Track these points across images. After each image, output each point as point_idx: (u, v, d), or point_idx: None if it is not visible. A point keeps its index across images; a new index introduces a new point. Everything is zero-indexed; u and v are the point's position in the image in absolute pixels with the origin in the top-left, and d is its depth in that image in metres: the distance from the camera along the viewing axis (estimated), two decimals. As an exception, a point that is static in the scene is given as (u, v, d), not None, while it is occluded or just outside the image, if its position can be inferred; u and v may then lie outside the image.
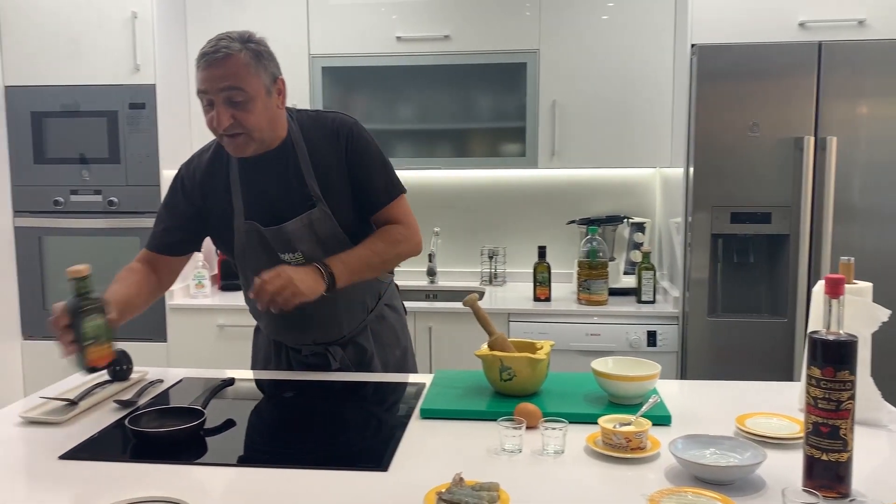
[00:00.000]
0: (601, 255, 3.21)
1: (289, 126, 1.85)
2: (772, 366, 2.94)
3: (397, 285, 2.15)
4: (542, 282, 3.29)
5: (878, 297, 1.51)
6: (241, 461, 1.42)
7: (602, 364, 1.69)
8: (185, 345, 3.34)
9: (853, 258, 1.49)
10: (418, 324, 3.20)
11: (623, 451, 1.39)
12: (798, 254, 2.89)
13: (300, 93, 3.42)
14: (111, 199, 3.35)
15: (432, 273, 3.70)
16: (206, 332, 3.31)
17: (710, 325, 2.98)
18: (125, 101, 3.30)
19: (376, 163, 1.86)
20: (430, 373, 1.97)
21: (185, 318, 3.33)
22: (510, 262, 3.76)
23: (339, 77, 3.55)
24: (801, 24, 2.92)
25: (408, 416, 1.63)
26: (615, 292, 3.32)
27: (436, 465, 1.38)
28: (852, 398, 1.20)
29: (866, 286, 1.52)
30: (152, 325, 3.33)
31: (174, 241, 1.93)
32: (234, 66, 1.70)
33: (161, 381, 1.91)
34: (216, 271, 3.64)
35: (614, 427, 1.43)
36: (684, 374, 3.04)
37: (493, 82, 3.48)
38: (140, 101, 3.29)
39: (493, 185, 3.77)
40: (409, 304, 3.12)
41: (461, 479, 1.22)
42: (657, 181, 3.66)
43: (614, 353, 3.05)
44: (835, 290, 1.20)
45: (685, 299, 3.03)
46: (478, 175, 3.76)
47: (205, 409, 1.60)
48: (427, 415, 1.62)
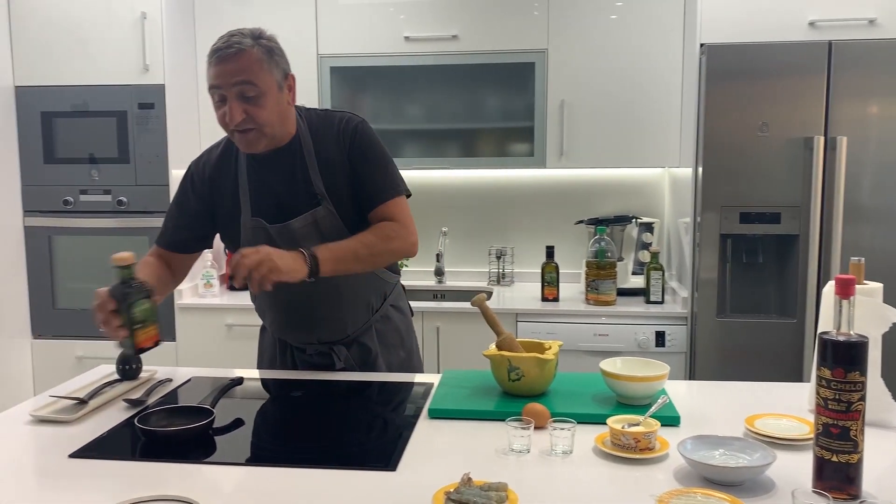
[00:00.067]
0: (609, 255, 3.20)
1: (297, 124, 1.86)
2: (781, 366, 2.93)
3: (403, 286, 2.14)
4: (550, 282, 3.29)
5: (888, 298, 1.51)
6: (251, 460, 1.42)
7: (611, 364, 1.68)
8: (193, 344, 3.35)
9: (863, 258, 1.48)
10: (426, 324, 3.21)
11: (632, 451, 1.39)
12: (808, 254, 2.88)
13: (308, 93, 3.43)
14: (120, 198, 3.37)
15: (440, 273, 3.70)
16: (215, 332, 3.32)
17: (719, 325, 2.97)
18: (134, 101, 3.32)
19: (378, 160, 1.86)
20: (438, 373, 1.97)
21: (193, 317, 3.34)
22: (518, 261, 3.76)
23: (347, 77, 3.55)
24: (811, 24, 2.91)
25: (416, 416, 1.63)
26: (623, 292, 3.31)
27: (444, 464, 1.38)
28: (863, 399, 1.19)
29: (877, 287, 1.51)
30: (161, 325, 3.31)
31: (184, 239, 1.94)
32: (247, 62, 1.71)
33: (170, 380, 1.91)
34: (225, 271, 3.65)
35: (623, 427, 1.42)
36: (693, 375, 3.03)
37: (501, 82, 3.48)
38: (149, 101, 3.31)
39: (501, 185, 3.77)
40: (417, 304, 3.14)
41: (469, 479, 1.22)
42: (666, 181, 3.65)
43: (622, 353, 3.04)
44: (845, 290, 1.20)
45: (694, 299, 3.03)
46: (486, 175, 3.76)
47: (214, 408, 1.61)
48: (435, 415, 1.62)
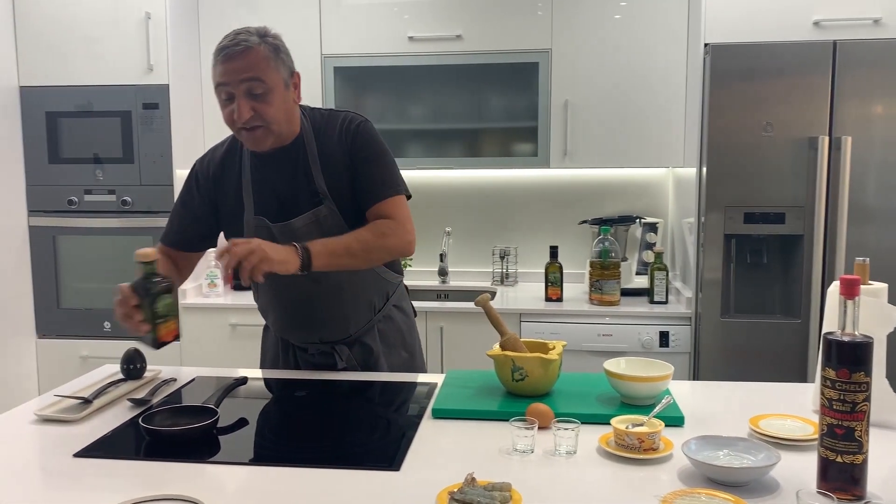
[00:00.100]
0: (613, 255, 3.20)
1: (301, 123, 1.86)
2: (785, 367, 2.92)
3: (407, 287, 2.14)
4: (553, 282, 3.28)
5: (893, 299, 1.51)
6: (255, 460, 1.42)
7: (615, 364, 1.68)
8: (197, 344, 3.35)
9: (868, 259, 1.48)
10: (430, 324, 3.21)
11: (636, 451, 1.38)
12: (812, 254, 2.87)
13: (312, 93, 3.43)
14: (125, 198, 3.37)
15: (444, 273, 3.70)
16: (219, 332, 3.32)
17: (723, 325, 2.97)
18: (139, 101, 3.32)
19: (378, 159, 1.85)
20: (442, 373, 1.97)
21: (197, 317, 3.34)
22: (522, 262, 3.76)
23: (351, 77, 3.56)
24: (816, 23, 2.90)
25: (419, 416, 1.63)
26: (627, 292, 3.31)
27: (448, 464, 1.38)
28: (868, 400, 1.19)
29: (882, 287, 1.51)
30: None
31: (189, 237, 1.95)
32: (255, 59, 1.72)
33: (174, 379, 1.92)
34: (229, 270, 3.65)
35: (627, 428, 1.42)
36: (697, 375, 3.03)
37: (504, 82, 3.48)
38: (153, 101, 3.31)
39: (504, 185, 3.77)
40: (421, 304, 3.14)
41: (473, 479, 1.22)
42: (670, 181, 3.65)
43: (626, 353, 3.04)
44: (850, 291, 1.20)
45: (698, 300, 3.02)
46: (489, 175, 3.76)
47: (218, 407, 1.61)
48: (439, 415, 1.62)
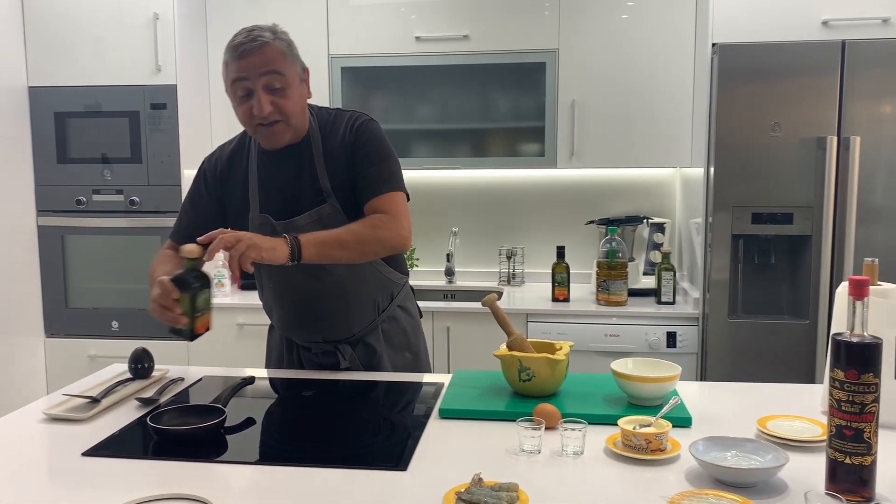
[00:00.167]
0: (620, 255, 3.19)
1: (309, 122, 1.87)
2: (793, 368, 2.91)
3: (413, 288, 2.14)
4: (560, 282, 3.28)
5: (902, 299, 1.50)
6: (262, 459, 1.43)
7: (622, 365, 1.68)
8: (204, 343, 3.33)
9: (877, 259, 1.47)
10: (436, 324, 3.21)
11: (643, 452, 1.38)
12: (820, 255, 2.86)
13: (319, 93, 3.43)
14: (133, 198, 3.38)
15: (450, 273, 3.70)
16: (226, 331, 3.33)
17: (731, 326, 2.96)
18: (147, 102, 3.34)
19: (378, 156, 1.85)
20: (449, 373, 1.97)
21: (205, 316, 3.34)
22: (528, 262, 3.75)
23: (358, 77, 3.56)
24: (824, 23, 2.89)
25: (426, 416, 1.63)
26: (634, 293, 3.31)
27: (455, 465, 1.38)
28: (876, 401, 1.18)
29: (891, 288, 1.50)
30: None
31: (198, 235, 1.95)
32: (272, 53, 1.75)
33: (182, 379, 1.92)
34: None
35: (634, 428, 1.42)
36: (704, 376, 3.02)
37: (511, 82, 3.48)
38: (161, 102, 3.32)
39: (511, 185, 3.77)
40: (428, 304, 3.14)
41: (480, 480, 1.22)
42: (677, 181, 3.64)
43: (633, 354, 3.03)
44: (859, 291, 1.19)
45: (705, 300, 3.01)
46: (496, 175, 3.76)
47: (225, 407, 1.61)
48: (446, 415, 1.62)
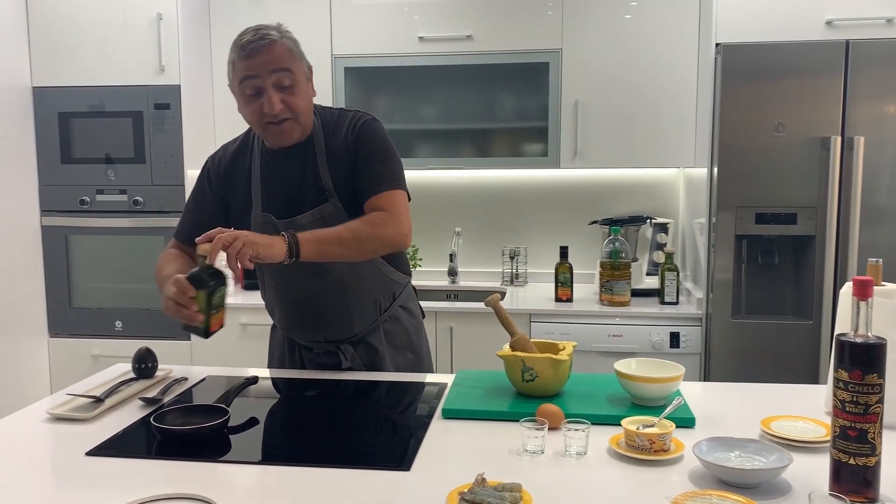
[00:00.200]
0: (624, 255, 3.19)
1: (312, 121, 1.87)
2: (797, 368, 2.91)
3: (415, 288, 2.14)
4: (563, 282, 3.28)
5: (907, 300, 1.49)
6: (265, 459, 1.43)
7: (625, 365, 1.68)
8: (208, 343, 3.34)
9: (881, 260, 1.47)
10: (439, 324, 3.21)
11: (646, 453, 1.38)
12: (824, 255, 2.86)
13: (323, 93, 3.41)
14: (136, 198, 3.39)
15: (453, 273, 3.70)
16: (229, 331, 3.33)
17: (734, 326, 2.95)
18: (150, 102, 3.34)
19: (380, 154, 1.85)
20: (452, 373, 1.97)
21: (208, 316, 3.35)
22: (531, 262, 3.75)
23: (361, 77, 3.56)
24: (828, 23, 2.88)
25: (430, 416, 1.63)
26: (638, 293, 3.30)
27: (458, 465, 1.38)
28: (881, 402, 1.18)
29: (895, 288, 1.50)
30: (176, 324, 3.35)
31: (202, 233, 1.95)
32: (280, 51, 1.76)
33: (185, 378, 1.93)
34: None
35: (637, 429, 1.42)
36: (707, 376, 3.01)
37: (515, 82, 3.48)
38: (165, 102, 3.33)
39: (514, 185, 3.77)
40: (430, 305, 3.14)
41: (483, 480, 1.22)
42: (681, 181, 3.63)
43: (637, 354, 3.03)
44: (863, 292, 1.19)
45: (709, 300, 3.01)
46: (499, 175, 3.76)
47: (228, 407, 1.61)
48: (449, 415, 1.62)
